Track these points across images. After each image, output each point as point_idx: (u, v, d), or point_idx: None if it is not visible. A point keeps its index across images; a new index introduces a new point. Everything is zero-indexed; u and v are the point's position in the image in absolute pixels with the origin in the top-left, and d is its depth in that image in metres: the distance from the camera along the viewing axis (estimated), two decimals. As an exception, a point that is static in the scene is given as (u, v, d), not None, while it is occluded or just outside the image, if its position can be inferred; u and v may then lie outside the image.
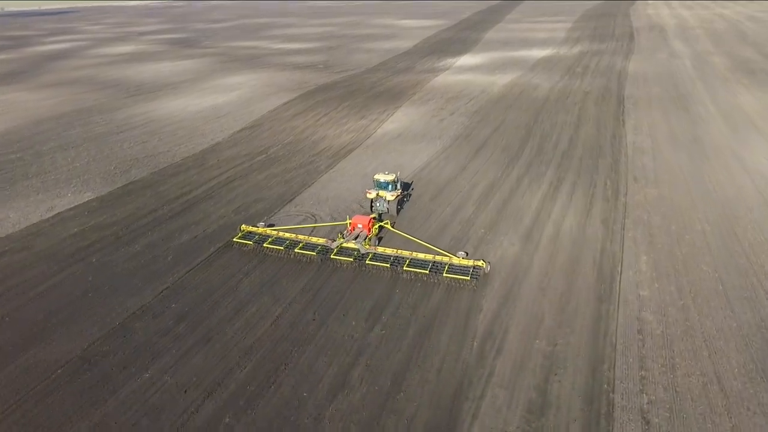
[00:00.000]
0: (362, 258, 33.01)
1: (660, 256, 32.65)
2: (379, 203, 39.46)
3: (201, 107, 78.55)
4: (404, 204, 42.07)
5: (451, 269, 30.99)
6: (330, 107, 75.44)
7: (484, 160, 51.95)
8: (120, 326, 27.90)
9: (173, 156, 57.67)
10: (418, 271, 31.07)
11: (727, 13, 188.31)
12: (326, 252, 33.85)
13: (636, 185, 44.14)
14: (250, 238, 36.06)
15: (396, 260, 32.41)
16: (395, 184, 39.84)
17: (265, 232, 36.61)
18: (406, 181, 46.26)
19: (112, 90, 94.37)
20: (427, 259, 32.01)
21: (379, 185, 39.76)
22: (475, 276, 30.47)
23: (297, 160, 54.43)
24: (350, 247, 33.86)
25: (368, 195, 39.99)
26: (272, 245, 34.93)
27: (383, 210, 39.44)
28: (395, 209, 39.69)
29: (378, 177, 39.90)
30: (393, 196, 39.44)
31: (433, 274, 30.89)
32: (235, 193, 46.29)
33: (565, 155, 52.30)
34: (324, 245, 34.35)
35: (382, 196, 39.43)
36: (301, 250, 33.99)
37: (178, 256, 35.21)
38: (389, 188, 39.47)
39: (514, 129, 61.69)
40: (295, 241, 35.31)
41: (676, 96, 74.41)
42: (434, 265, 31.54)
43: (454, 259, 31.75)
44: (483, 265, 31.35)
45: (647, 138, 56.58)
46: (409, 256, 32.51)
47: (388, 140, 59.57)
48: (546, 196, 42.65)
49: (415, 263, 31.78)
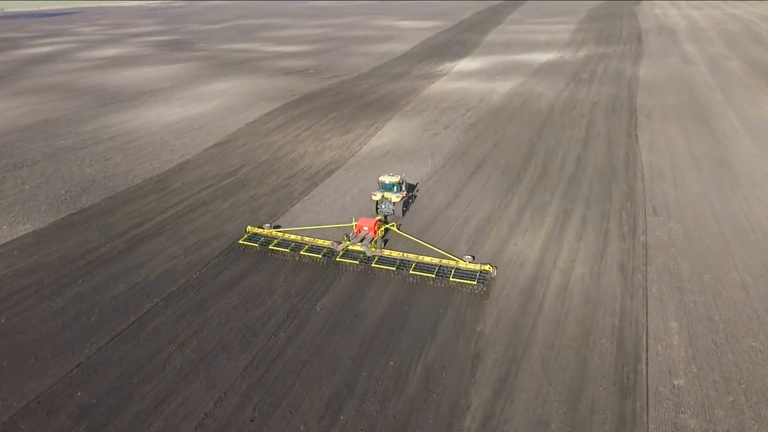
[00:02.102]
0: (368, 261, 32.75)
1: (694, 322, 26.34)
2: (384, 205, 39.00)
3: (176, 118, 72.46)
4: (409, 205, 41.55)
5: (457, 273, 30.60)
6: (314, 119, 69.21)
7: (481, 184, 45.65)
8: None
9: (134, 177, 51.58)
10: (425, 275, 30.81)
11: (739, 13, 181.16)
12: (332, 254, 33.64)
13: (656, 220, 37.78)
14: (256, 241, 35.80)
15: (402, 264, 32.18)
16: (400, 185, 39.38)
17: (270, 234, 36.49)
18: (411, 183, 45.44)
19: (86, 98, 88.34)
20: (434, 262, 31.82)
21: (384, 187, 39.34)
22: (482, 280, 29.87)
23: (270, 184, 48.22)
24: (356, 249, 33.56)
25: (373, 197, 39.26)
26: (278, 247, 34.73)
27: (389, 212, 39.01)
28: (401, 211, 39.03)
29: (383, 179, 39.43)
30: (398, 197, 38.80)
31: (440, 279, 30.49)
32: (192, 226, 40.13)
33: (572, 180, 45.96)
34: (330, 247, 34.17)
35: (387, 198, 38.76)
36: (306, 253, 33.91)
37: (105, 315, 29.06)
38: (394, 190, 39.05)
39: (515, 146, 55.35)
40: (301, 243, 35.21)
41: (693, 107, 67.91)
42: (440, 269, 31.23)
43: (460, 263, 31.34)
44: (490, 269, 30.82)
45: (665, 158, 50.16)
46: (415, 259, 32.23)
47: (374, 159, 53.31)
48: (551, 234, 36.33)
49: (421, 267, 31.57)
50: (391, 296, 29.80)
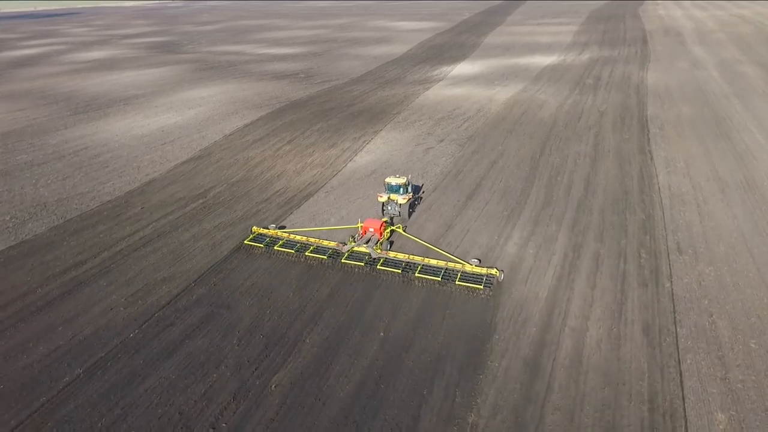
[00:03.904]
0: (374, 263, 32.40)
1: (747, 413, 20.75)
2: (390, 207, 38.72)
3: (148, 129, 66.91)
4: (415, 207, 41.03)
5: (463, 277, 30.24)
6: (297, 131, 63.63)
7: (477, 212, 40.10)
8: None
9: (91, 200, 46.06)
10: (430, 278, 30.38)
11: (747, 14, 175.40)
12: (337, 255, 33.42)
13: (682, 260, 32.22)
14: (261, 241, 35.69)
15: (407, 266, 31.81)
16: (407, 187, 38.90)
17: (276, 234, 36.41)
18: (416, 184, 45.33)
19: (59, 105, 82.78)
20: (439, 265, 31.48)
21: (390, 188, 38.97)
22: (488, 284, 29.46)
23: (239, 210, 42.68)
24: (361, 251, 33.37)
25: (379, 198, 38.84)
26: (283, 248, 34.59)
27: (395, 213, 38.75)
28: (407, 213, 38.59)
29: (389, 180, 39.01)
30: (404, 199, 38.26)
31: (446, 282, 30.09)
32: (141, 265, 34.56)
33: (581, 206, 40.41)
34: (335, 249, 33.98)
35: (393, 199, 38.42)
36: (312, 254, 33.73)
37: (9, 396, 23.40)
38: (401, 191, 38.57)
39: (516, 165, 49.78)
40: (306, 244, 35.07)
41: (710, 118, 62.33)
42: (446, 273, 30.78)
43: (466, 266, 31.01)
44: (496, 273, 30.41)
45: (685, 180, 44.61)
46: (421, 262, 31.92)
47: (358, 180, 47.75)
48: (560, 278, 30.79)
49: (426, 270, 31.12)
50: (364, 368, 24.27)
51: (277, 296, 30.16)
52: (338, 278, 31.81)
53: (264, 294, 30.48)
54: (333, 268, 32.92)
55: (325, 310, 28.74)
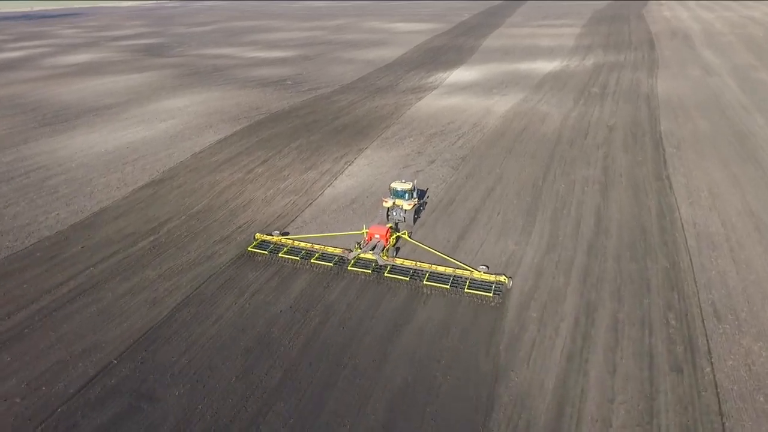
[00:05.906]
0: (380, 270, 31.77)
1: None
2: (395, 212, 38.00)
3: (113, 146, 60.81)
4: (420, 213, 40.38)
5: (472, 284, 29.63)
6: (273, 149, 57.52)
7: (470, 257, 33.64)
8: None
9: (27, 235, 40.03)
10: (439, 285, 29.76)
11: (757, 15, 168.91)
12: (343, 263, 32.85)
13: (722, 330, 26.13)
14: (265, 248, 34.79)
15: (415, 273, 31.20)
16: (412, 192, 37.97)
17: (280, 241, 35.68)
18: (421, 189, 44.21)
19: (26, 116, 76.62)
20: (448, 272, 30.86)
21: (396, 194, 37.98)
22: (497, 292, 28.86)
23: (192, 252, 36.57)
24: (368, 258, 32.72)
25: (384, 203, 38.13)
26: (287, 255, 33.89)
27: (400, 219, 37.99)
28: (412, 219, 37.92)
29: (394, 185, 38.12)
30: (410, 205, 37.49)
31: (454, 290, 29.47)
32: (60, 331, 28.43)
33: (592, 250, 34.28)
34: (341, 255, 33.41)
35: (398, 205, 37.65)
36: (317, 261, 33.07)
37: None
38: (406, 197, 37.63)
39: (515, 192, 43.66)
40: (311, 251, 34.36)
41: (731, 135, 56.17)
42: (455, 280, 30.16)
43: (475, 273, 30.35)
44: (505, 281, 29.83)
45: (712, 215, 38.50)
46: (429, 269, 31.26)
47: (334, 212, 41.64)
48: (570, 358, 24.68)
49: (434, 277, 30.51)
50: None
51: (216, 382, 24.11)
52: (296, 353, 25.77)
53: (200, 378, 24.41)
54: (295, 338, 26.88)
55: (274, 404, 22.70)
